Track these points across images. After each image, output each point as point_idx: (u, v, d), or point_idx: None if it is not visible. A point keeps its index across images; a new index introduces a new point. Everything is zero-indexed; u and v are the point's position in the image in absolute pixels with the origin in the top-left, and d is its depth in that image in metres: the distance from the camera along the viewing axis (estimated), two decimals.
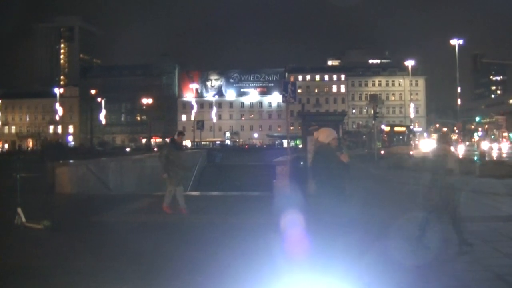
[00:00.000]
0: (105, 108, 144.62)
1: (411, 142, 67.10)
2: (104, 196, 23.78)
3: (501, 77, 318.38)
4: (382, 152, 57.23)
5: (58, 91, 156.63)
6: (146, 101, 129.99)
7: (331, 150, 9.21)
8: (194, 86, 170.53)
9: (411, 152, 57.97)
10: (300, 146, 44.06)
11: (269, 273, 9.17)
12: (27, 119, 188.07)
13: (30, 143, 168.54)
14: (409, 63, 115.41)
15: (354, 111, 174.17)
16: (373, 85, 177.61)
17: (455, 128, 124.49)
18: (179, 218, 16.03)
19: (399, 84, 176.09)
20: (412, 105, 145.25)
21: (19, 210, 14.33)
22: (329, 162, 8.99)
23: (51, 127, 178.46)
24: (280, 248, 10.83)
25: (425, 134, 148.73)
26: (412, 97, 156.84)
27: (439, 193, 11.37)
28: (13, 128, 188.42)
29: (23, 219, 14.31)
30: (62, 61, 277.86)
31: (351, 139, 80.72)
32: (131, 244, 12.14)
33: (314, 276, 8.16)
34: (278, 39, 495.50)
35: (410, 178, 29.94)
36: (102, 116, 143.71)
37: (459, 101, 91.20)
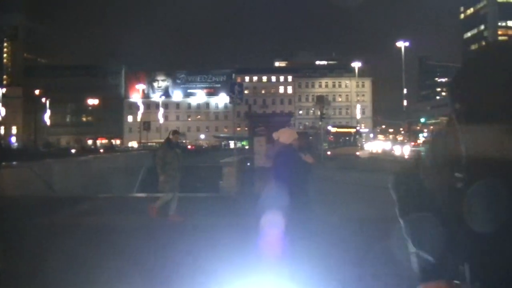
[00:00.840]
0: (49, 108, 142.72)
1: (358, 143, 67.59)
2: (49, 199, 23.34)
3: (446, 78, 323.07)
4: (329, 153, 57.58)
5: (0, 91, 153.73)
6: (92, 101, 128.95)
7: (295, 151, 9.10)
8: (140, 86, 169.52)
9: (357, 153, 58.39)
10: (247, 147, 44.01)
11: (218, 276, 9.03)
12: None
13: None
14: (356, 64, 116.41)
15: (301, 112, 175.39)
16: (320, 86, 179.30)
17: (401, 129, 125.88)
18: (124, 220, 15.79)
19: (345, 85, 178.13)
20: (358, 106, 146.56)
21: None
22: (293, 164, 8.86)
23: None
24: (232, 250, 10.72)
25: (371, 135, 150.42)
26: (358, 98, 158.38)
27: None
28: None
29: None
30: (5, 60, 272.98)
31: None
32: (78, 248, 11.86)
33: (273, 278, 8.05)
34: (225, 40, 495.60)
35: (357, 178, 30.24)
36: (46, 116, 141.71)
37: (405, 102, 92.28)
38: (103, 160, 41.35)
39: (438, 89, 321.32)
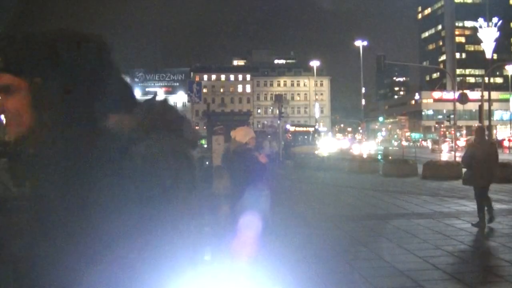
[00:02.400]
0: None
1: (316, 142, 67.60)
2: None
3: (404, 78, 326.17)
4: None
5: None
6: None
7: (249, 150, 9.09)
8: None
9: (316, 152, 58.46)
10: (205, 146, 43.84)
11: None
12: None
13: None
14: (314, 63, 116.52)
15: (259, 111, 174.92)
16: (279, 85, 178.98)
17: (359, 128, 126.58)
18: None
19: (304, 84, 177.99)
20: (317, 105, 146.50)
21: None
22: (248, 162, 8.85)
23: None
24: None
25: (329, 134, 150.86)
26: (317, 97, 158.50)
27: None
28: None
29: None
30: None
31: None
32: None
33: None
34: (183, 39, 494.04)
35: (312, 177, 30.38)
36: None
37: (363, 102, 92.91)
38: None
39: (396, 88, 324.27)
